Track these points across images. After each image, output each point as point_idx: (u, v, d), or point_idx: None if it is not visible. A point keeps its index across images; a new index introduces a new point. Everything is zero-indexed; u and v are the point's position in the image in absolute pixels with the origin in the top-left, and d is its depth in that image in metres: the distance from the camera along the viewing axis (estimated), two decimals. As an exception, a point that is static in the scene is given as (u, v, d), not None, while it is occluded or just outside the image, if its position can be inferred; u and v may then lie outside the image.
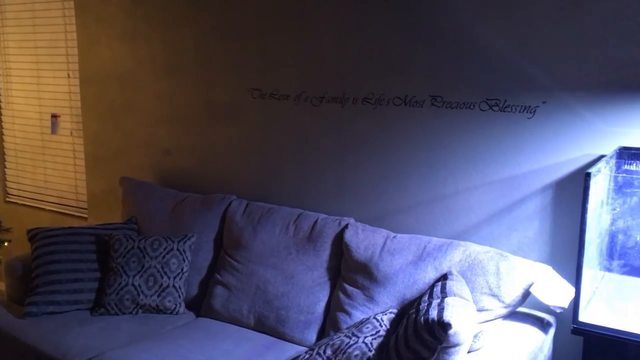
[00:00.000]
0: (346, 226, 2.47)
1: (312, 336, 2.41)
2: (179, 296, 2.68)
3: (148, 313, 2.67)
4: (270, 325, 2.49)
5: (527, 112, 2.23)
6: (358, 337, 2.06)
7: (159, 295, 2.65)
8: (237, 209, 2.78)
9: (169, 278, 2.67)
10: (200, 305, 2.73)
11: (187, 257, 2.73)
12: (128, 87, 3.39)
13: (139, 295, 2.64)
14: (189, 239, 2.76)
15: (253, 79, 2.91)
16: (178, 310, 2.67)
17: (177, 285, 2.68)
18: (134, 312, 2.65)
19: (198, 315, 2.71)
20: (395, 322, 2.13)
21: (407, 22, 2.43)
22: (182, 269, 2.71)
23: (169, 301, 2.66)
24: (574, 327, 1.79)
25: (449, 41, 2.34)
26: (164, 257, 2.69)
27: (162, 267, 2.68)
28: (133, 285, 2.64)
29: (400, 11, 2.44)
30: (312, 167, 2.79)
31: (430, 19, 2.37)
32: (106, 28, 3.41)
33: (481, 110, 2.31)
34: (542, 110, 2.20)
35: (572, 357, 2.15)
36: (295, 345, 2.40)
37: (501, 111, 2.28)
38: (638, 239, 1.96)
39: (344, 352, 2.02)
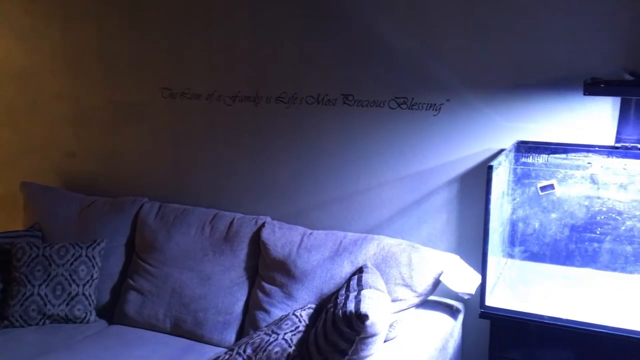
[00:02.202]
0: (263, 225, 2.48)
1: (231, 336, 2.39)
2: (90, 304, 2.58)
3: (56, 323, 2.54)
4: (187, 329, 2.45)
5: (432, 109, 2.34)
6: (278, 334, 2.08)
7: (67, 304, 2.53)
8: (149, 211, 2.72)
9: (77, 286, 2.56)
10: (112, 312, 2.64)
11: (96, 263, 2.63)
12: (27, 87, 3.21)
13: (45, 305, 2.51)
14: (98, 245, 2.66)
15: (163, 78, 2.85)
16: (89, 319, 2.57)
17: (87, 293, 2.57)
18: (40, 323, 2.52)
19: (110, 322, 2.62)
20: (314, 317, 2.16)
21: (319, 23, 2.47)
22: (91, 276, 2.60)
23: (79, 310, 2.55)
24: (481, 311, 1.90)
25: (359, 42, 2.40)
26: (71, 264, 2.58)
27: (70, 275, 2.56)
28: (39, 295, 2.51)
29: (312, 12, 2.48)
30: (226, 166, 2.77)
31: (341, 20, 2.43)
32: (0, 25, 3.21)
33: (390, 108, 2.40)
34: (446, 107, 2.31)
35: (480, 340, 2.27)
36: (214, 347, 2.38)
37: (409, 109, 2.37)
38: (536, 227, 2.11)
39: (264, 350, 2.02)
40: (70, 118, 3.13)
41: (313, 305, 2.23)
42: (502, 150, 2.19)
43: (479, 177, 2.23)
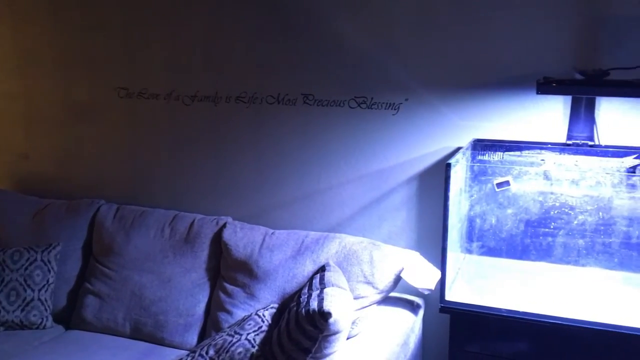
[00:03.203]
0: (224, 225, 2.46)
1: (193, 339, 2.37)
2: (45, 309, 2.51)
3: (11, 330, 2.47)
4: (148, 332, 2.41)
5: (391, 109, 2.37)
6: (240, 335, 2.07)
7: (22, 310, 2.46)
8: (106, 214, 2.67)
9: (33, 291, 2.49)
10: (69, 317, 2.58)
11: (52, 268, 2.57)
12: (-25, 86, 3.10)
13: (-1, 311, 2.44)
14: (53, 248, 2.60)
15: (119, 78, 2.80)
16: (45, 325, 2.50)
17: (42, 298, 2.51)
18: (-6, 331, 2.45)
19: (68, 328, 2.56)
20: (277, 317, 2.17)
21: (279, 23, 2.47)
22: (47, 281, 2.54)
23: (34, 315, 2.48)
24: (441, 306, 1.93)
25: (318, 42, 2.42)
26: (26, 269, 2.51)
27: (25, 280, 2.49)
28: (-8, 301, 2.44)
29: (272, 11, 2.48)
30: (186, 167, 2.74)
31: (301, 20, 2.43)
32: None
33: (350, 107, 2.42)
34: (405, 107, 2.35)
35: (440, 334, 2.32)
36: (176, 350, 2.35)
37: (368, 108, 2.40)
38: (493, 222, 2.17)
39: (227, 351, 2.02)
40: (22, 119, 3.04)
41: (276, 305, 2.23)
42: (459, 149, 2.23)
43: (438, 175, 2.28)
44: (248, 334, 2.07)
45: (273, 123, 2.54)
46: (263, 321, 2.13)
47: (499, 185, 2.09)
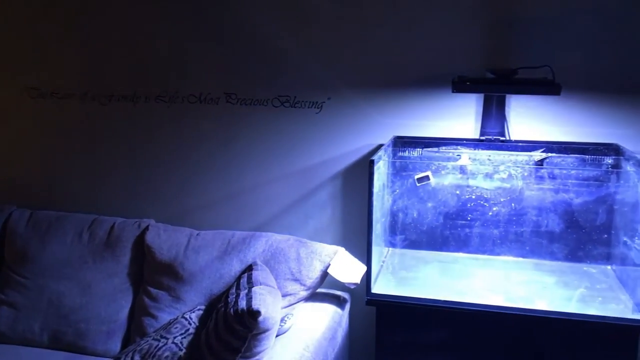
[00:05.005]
0: (147, 228, 2.41)
1: (116, 346, 2.31)
2: (-47, 324, 2.36)
3: None
4: (68, 341, 2.32)
5: (315, 107, 2.40)
6: (167, 339, 2.03)
7: None
8: (19, 220, 2.54)
9: (-62, 305, 2.34)
10: (-19, 330, 2.43)
11: (-41, 279, 2.41)
12: None
13: None
14: (-40, 259, 2.44)
15: (29, 77, 2.67)
16: (-47, 340, 2.35)
17: (-51, 312, 2.36)
18: None
19: (-21, 342, 2.42)
20: (204, 318, 2.14)
21: (200, 21, 2.44)
22: (-46, 293, 2.39)
23: (-59, 331, 2.33)
24: (367, 299, 1.98)
25: (241, 41, 2.41)
26: None
27: None
28: None
29: (193, 9, 2.44)
30: (104, 169, 2.65)
31: (223, 19, 2.41)
32: None
33: (274, 106, 2.43)
34: (328, 105, 2.38)
35: (366, 326, 2.37)
36: (99, 358, 2.29)
37: (292, 107, 2.41)
38: (414, 216, 2.25)
39: (154, 356, 1.97)
40: None
41: (203, 307, 2.20)
42: (380, 146, 2.30)
43: (361, 172, 2.33)
44: (175, 337, 2.04)
45: (195, 122, 2.51)
46: (190, 324, 2.10)
47: (420, 180, 2.17)
